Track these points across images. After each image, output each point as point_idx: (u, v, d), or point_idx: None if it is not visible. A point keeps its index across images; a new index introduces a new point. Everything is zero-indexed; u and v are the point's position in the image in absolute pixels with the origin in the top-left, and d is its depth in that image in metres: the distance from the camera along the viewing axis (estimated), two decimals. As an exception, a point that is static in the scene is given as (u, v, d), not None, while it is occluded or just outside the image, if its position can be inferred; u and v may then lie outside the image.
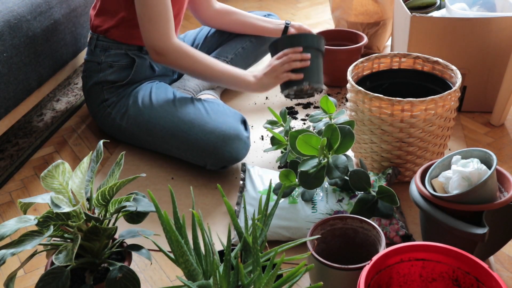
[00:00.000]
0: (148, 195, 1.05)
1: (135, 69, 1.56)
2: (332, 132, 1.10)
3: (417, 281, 0.94)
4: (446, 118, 1.28)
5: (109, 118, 1.55)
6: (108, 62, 1.54)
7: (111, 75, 1.54)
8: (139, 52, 1.57)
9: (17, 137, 1.70)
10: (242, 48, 1.83)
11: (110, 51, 1.54)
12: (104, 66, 1.54)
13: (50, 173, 0.94)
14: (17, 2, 1.49)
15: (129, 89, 1.55)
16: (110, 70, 1.54)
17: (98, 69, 1.55)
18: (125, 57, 1.55)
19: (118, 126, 1.54)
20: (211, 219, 1.31)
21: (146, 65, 1.59)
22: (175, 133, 1.42)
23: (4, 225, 0.89)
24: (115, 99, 1.54)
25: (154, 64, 1.61)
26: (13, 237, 1.18)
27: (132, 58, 1.55)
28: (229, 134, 1.37)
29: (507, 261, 1.15)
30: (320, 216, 1.18)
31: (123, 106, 1.52)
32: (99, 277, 0.98)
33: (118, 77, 1.55)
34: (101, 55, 1.54)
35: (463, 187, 1.02)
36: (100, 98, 1.56)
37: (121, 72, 1.55)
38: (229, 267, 0.83)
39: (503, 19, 1.50)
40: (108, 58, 1.54)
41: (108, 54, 1.54)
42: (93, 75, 1.56)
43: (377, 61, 1.45)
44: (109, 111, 1.54)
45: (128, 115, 1.51)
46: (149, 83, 1.58)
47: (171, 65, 1.45)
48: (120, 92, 1.55)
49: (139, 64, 1.57)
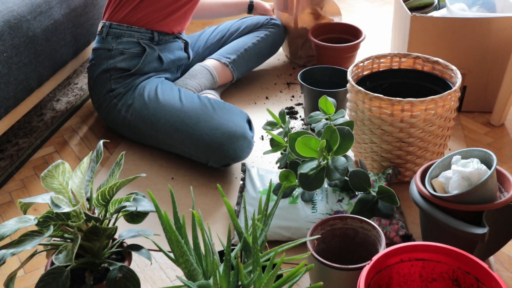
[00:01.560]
0: (148, 195, 1.05)
1: (144, 58, 1.58)
2: (331, 134, 1.11)
3: (417, 281, 0.94)
4: (446, 118, 1.28)
5: (114, 110, 1.55)
6: (119, 49, 1.56)
7: (121, 63, 1.56)
8: (150, 42, 1.59)
9: (17, 137, 1.70)
10: (245, 50, 1.84)
11: (122, 39, 1.56)
12: (115, 53, 1.56)
13: (50, 173, 0.94)
14: (17, 2, 1.49)
15: (136, 81, 1.56)
16: (120, 58, 1.56)
17: (108, 56, 1.56)
18: (137, 45, 1.57)
19: (122, 119, 1.54)
20: (211, 219, 1.31)
21: (155, 56, 1.61)
22: (179, 127, 1.42)
23: (4, 225, 0.89)
24: (122, 90, 1.55)
25: (162, 56, 1.63)
26: (13, 237, 1.18)
27: (143, 47, 1.58)
28: (235, 132, 1.37)
29: (507, 261, 1.15)
30: (320, 216, 1.18)
31: (129, 98, 1.53)
32: (99, 277, 0.98)
33: (127, 65, 1.56)
34: (113, 42, 1.56)
35: (463, 187, 1.02)
36: (106, 88, 1.56)
37: (131, 60, 1.57)
38: (229, 267, 0.83)
39: (503, 19, 1.50)
40: (120, 45, 1.56)
41: (120, 41, 1.56)
42: (102, 62, 1.57)
43: (377, 61, 1.45)
44: (115, 102, 1.55)
45: (133, 108, 1.51)
46: (156, 79, 1.59)
47: None
48: (127, 84, 1.56)
49: (149, 54, 1.59)
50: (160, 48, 1.62)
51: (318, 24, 1.95)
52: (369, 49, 2.08)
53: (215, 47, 1.88)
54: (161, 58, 1.63)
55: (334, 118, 1.29)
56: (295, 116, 1.72)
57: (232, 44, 1.85)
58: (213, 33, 1.90)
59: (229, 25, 1.93)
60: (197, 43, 1.88)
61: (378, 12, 2.56)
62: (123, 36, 1.56)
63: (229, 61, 1.79)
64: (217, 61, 1.78)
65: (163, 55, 1.63)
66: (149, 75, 1.60)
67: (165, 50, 1.64)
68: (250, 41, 1.85)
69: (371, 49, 2.09)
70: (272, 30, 1.91)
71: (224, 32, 1.90)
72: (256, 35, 1.89)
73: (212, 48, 1.88)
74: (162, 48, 1.63)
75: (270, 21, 1.93)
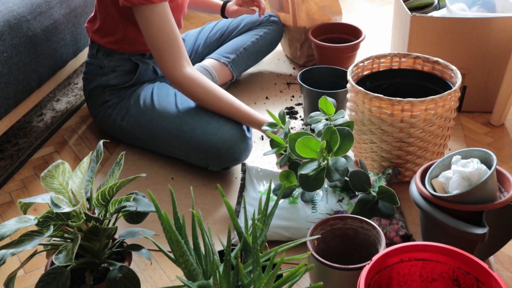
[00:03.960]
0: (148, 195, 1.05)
1: (138, 73, 1.55)
2: (331, 135, 1.10)
3: (417, 281, 0.94)
4: (446, 118, 1.28)
5: (110, 119, 1.54)
6: (111, 66, 1.52)
7: (114, 79, 1.53)
8: (142, 57, 1.56)
9: (17, 137, 1.70)
10: (244, 49, 1.84)
11: (113, 56, 1.52)
12: (107, 70, 1.53)
13: (50, 173, 0.94)
14: (17, 2, 1.49)
15: (130, 90, 1.55)
16: (112, 75, 1.53)
17: (100, 73, 1.53)
18: (128, 62, 1.54)
19: (119, 127, 1.53)
20: (211, 219, 1.31)
21: (150, 69, 1.59)
22: (177, 134, 1.42)
23: (4, 225, 0.89)
24: (116, 100, 1.54)
25: (157, 69, 1.60)
26: (13, 237, 1.18)
27: (136, 63, 1.55)
28: (231, 135, 1.37)
29: (507, 261, 1.15)
30: (320, 216, 1.18)
31: (124, 107, 1.52)
32: (99, 277, 0.98)
33: (120, 81, 1.54)
34: (104, 59, 1.52)
35: (463, 187, 1.02)
36: (101, 100, 1.55)
37: (124, 77, 1.54)
38: (229, 267, 0.83)
39: (503, 19, 1.50)
40: (111, 62, 1.52)
41: (110, 58, 1.52)
42: (95, 78, 1.55)
43: (377, 61, 1.45)
44: (109, 112, 1.54)
45: (130, 116, 1.50)
46: (151, 84, 1.57)
47: (185, 94, 1.42)
48: (121, 94, 1.55)
49: (143, 69, 1.56)
50: (155, 61, 1.56)
51: (318, 24, 1.95)
52: (369, 49, 2.08)
53: (214, 45, 1.88)
54: (155, 70, 1.60)
55: (334, 119, 1.28)
56: (295, 116, 1.72)
57: (231, 43, 1.85)
58: (212, 31, 1.89)
59: (228, 22, 1.92)
60: (196, 41, 1.87)
61: (378, 12, 2.56)
62: (114, 53, 1.52)
63: (229, 61, 1.79)
64: (216, 60, 1.78)
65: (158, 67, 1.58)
66: (144, 83, 1.58)
67: None
68: (249, 39, 1.85)
69: (371, 49, 2.09)
70: (271, 28, 1.91)
71: (223, 30, 1.90)
72: (255, 33, 1.89)
73: (211, 47, 1.87)
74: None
75: (269, 18, 1.93)
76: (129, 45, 1.51)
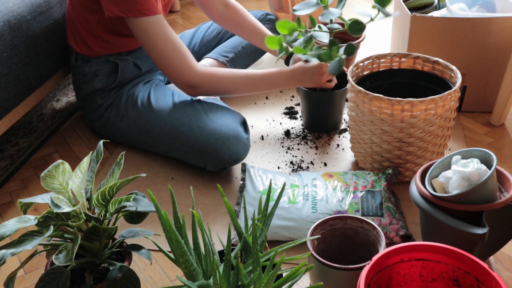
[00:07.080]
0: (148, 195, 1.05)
1: (120, 72, 1.55)
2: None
3: (417, 281, 0.94)
4: (446, 118, 1.28)
5: (108, 122, 1.55)
6: (93, 72, 1.54)
7: (99, 83, 1.54)
8: (119, 56, 1.56)
9: (17, 137, 1.70)
10: (242, 47, 1.83)
11: (92, 61, 1.53)
12: (90, 76, 1.54)
13: (50, 173, 0.94)
14: (17, 2, 1.49)
15: (123, 90, 1.55)
16: (96, 79, 1.54)
17: (85, 81, 1.55)
18: (107, 63, 1.54)
19: (117, 129, 1.54)
20: (211, 219, 1.31)
21: (130, 65, 1.58)
22: (174, 135, 1.42)
23: (4, 225, 0.89)
24: (109, 101, 1.55)
25: (138, 63, 1.60)
26: (13, 237, 1.18)
27: (114, 62, 1.55)
28: (228, 135, 1.37)
29: (507, 261, 1.15)
30: (320, 216, 1.18)
31: (120, 108, 1.52)
32: (99, 277, 0.98)
33: (106, 83, 1.55)
34: (84, 66, 1.54)
35: (463, 187, 1.02)
36: (95, 105, 1.56)
37: (108, 78, 1.55)
38: (229, 267, 0.83)
39: (503, 19, 1.50)
40: (92, 68, 1.53)
41: (90, 64, 1.53)
42: (82, 87, 1.56)
43: (377, 61, 1.45)
44: (107, 115, 1.54)
45: (128, 117, 1.50)
46: (148, 84, 1.57)
47: (206, 92, 1.43)
48: (112, 95, 1.55)
49: (123, 66, 1.56)
50: (134, 56, 1.58)
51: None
52: (369, 49, 2.08)
53: (211, 44, 1.87)
54: (137, 65, 1.60)
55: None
56: (295, 116, 1.72)
57: (229, 42, 1.84)
58: (209, 29, 1.89)
59: None
60: (192, 40, 1.87)
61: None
62: (91, 59, 1.53)
63: (227, 60, 1.79)
64: (215, 60, 1.78)
65: (138, 61, 1.59)
66: (134, 82, 1.58)
67: (139, 56, 1.59)
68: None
69: (371, 49, 2.09)
70: (268, 26, 1.91)
71: (220, 29, 1.89)
72: None
73: (208, 45, 1.87)
74: (135, 56, 1.59)
75: (266, 16, 1.93)
76: (102, 48, 1.52)
